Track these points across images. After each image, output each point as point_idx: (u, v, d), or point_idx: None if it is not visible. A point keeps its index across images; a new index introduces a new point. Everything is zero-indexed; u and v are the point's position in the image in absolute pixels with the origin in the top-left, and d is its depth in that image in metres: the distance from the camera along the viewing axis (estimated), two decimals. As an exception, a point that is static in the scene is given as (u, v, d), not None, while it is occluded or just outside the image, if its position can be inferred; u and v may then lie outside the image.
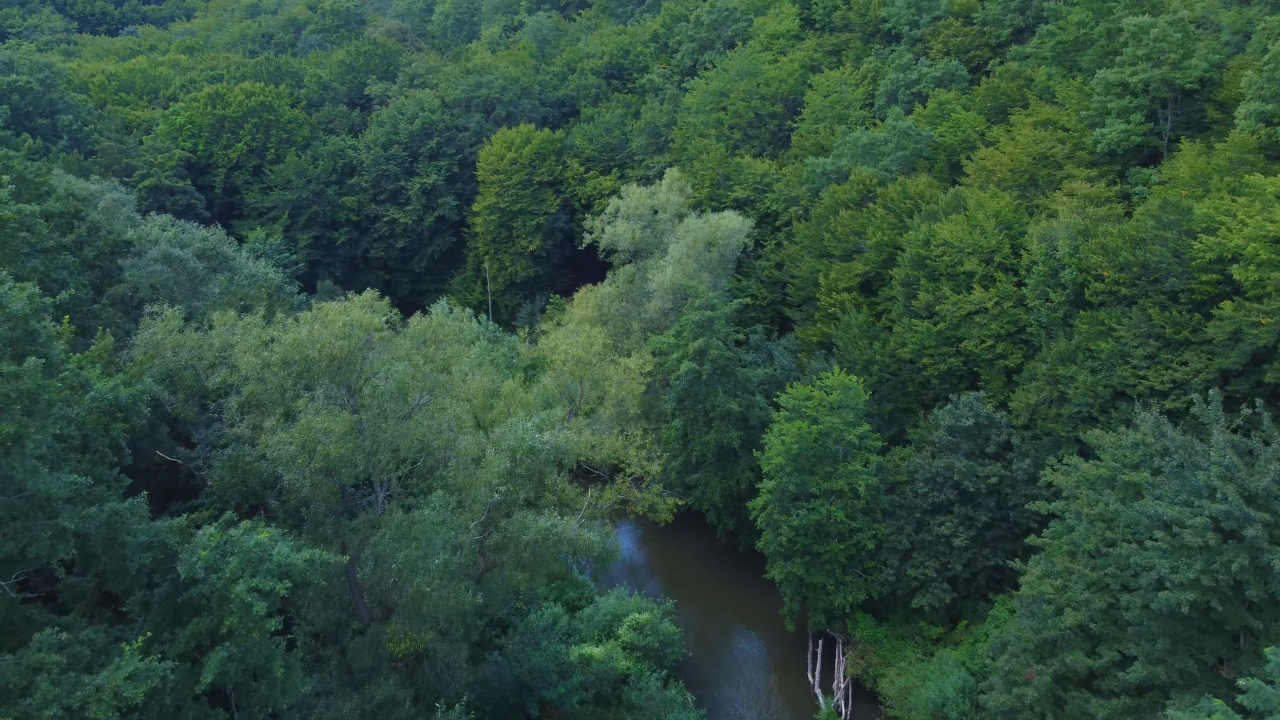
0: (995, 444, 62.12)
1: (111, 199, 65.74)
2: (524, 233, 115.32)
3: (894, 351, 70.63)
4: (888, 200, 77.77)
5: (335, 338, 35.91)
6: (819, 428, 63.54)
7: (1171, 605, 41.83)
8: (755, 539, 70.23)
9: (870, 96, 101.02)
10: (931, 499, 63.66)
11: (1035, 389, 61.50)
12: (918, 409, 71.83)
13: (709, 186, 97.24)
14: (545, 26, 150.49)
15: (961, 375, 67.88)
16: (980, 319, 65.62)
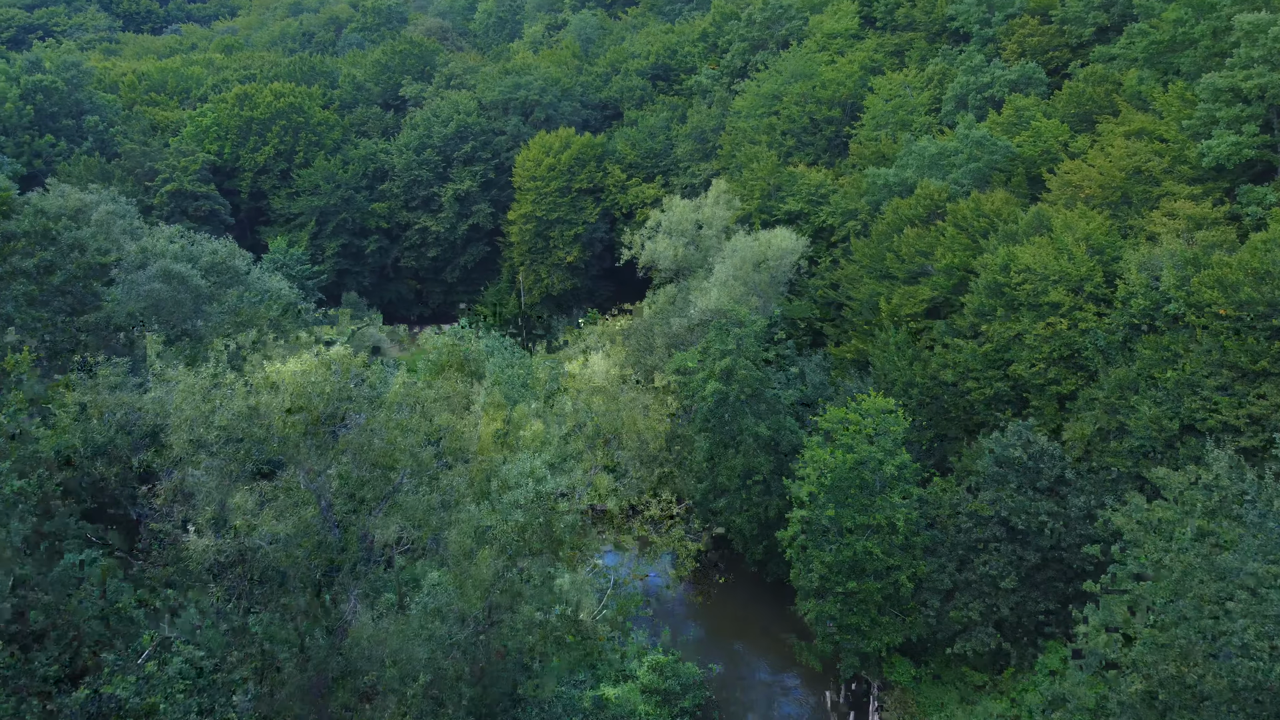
0: (1047, 478, 54.85)
1: (107, 211, 60.50)
2: (561, 243, 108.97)
3: (935, 374, 63.06)
4: (959, 217, 69.92)
5: (286, 411, 29.46)
6: (854, 456, 56.46)
7: (1257, 678, 35.57)
8: (784, 570, 63.91)
9: (936, 101, 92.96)
10: (976, 536, 56.57)
11: (1092, 419, 54.11)
12: (961, 436, 64.28)
13: (759, 198, 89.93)
14: (589, 25, 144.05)
15: (1009, 400, 60.51)
16: (1030, 340, 58.08)
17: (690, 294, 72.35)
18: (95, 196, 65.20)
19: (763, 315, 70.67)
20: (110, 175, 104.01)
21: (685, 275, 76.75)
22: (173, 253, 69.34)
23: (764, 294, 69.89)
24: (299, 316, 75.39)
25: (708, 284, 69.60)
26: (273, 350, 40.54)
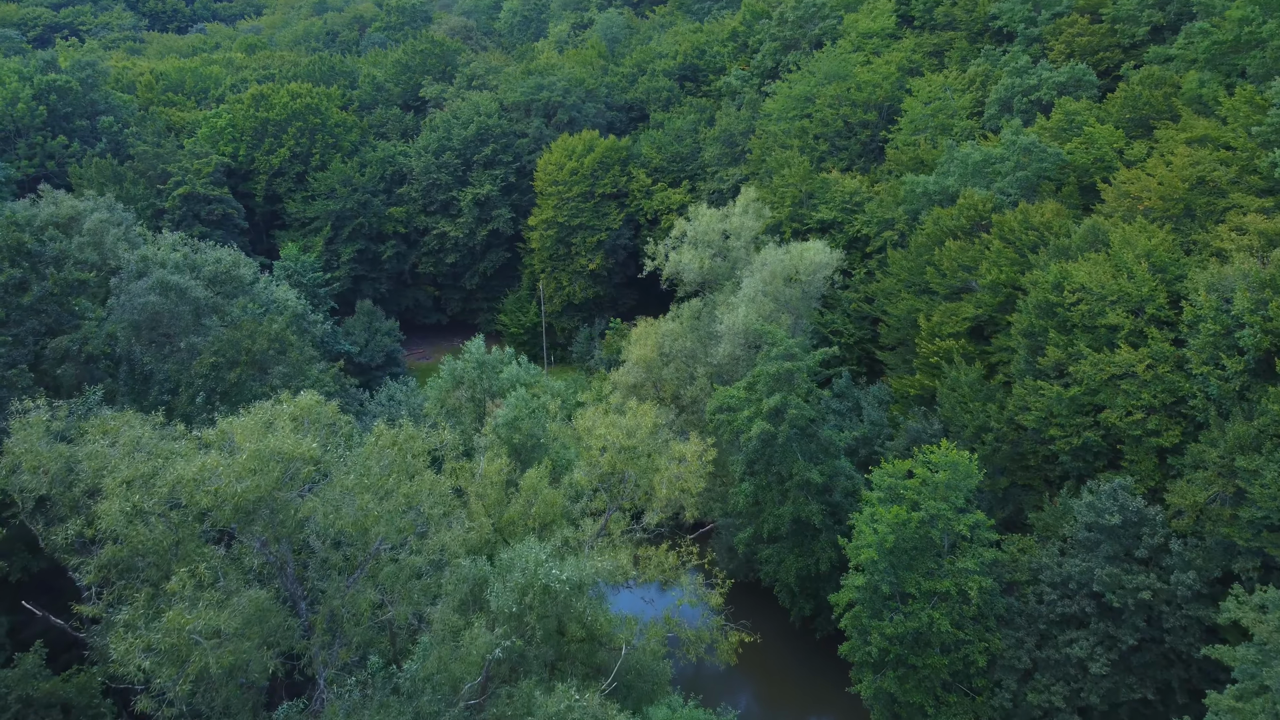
0: (1147, 547, 49.43)
1: (99, 220, 57.27)
2: (584, 250, 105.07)
3: (1013, 417, 58.18)
4: (1005, 230, 65.28)
5: (240, 476, 25.56)
6: (920, 514, 51.85)
7: None
8: (835, 626, 59.09)
9: (979, 104, 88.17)
10: (1061, 609, 51.34)
11: (1203, 481, 48.64)
12: (1041, 487, 59.30)
13: (789, 205, 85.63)
14: (616, 24, 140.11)
15: (1099, 452, 55.15)
16: (1127, 385, 52.86)
17: (716, 309, 68.17)
18: (90, 204, 62.01)
19: (794, 333, 66.38)
20: (122, 177, 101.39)
21: (711, 288, 72.58)
22: (174, 262, 66.05)
23: (795, 310, 65.56)
24: (306, 330, 71.95)
25: (735, 299, 65.38)
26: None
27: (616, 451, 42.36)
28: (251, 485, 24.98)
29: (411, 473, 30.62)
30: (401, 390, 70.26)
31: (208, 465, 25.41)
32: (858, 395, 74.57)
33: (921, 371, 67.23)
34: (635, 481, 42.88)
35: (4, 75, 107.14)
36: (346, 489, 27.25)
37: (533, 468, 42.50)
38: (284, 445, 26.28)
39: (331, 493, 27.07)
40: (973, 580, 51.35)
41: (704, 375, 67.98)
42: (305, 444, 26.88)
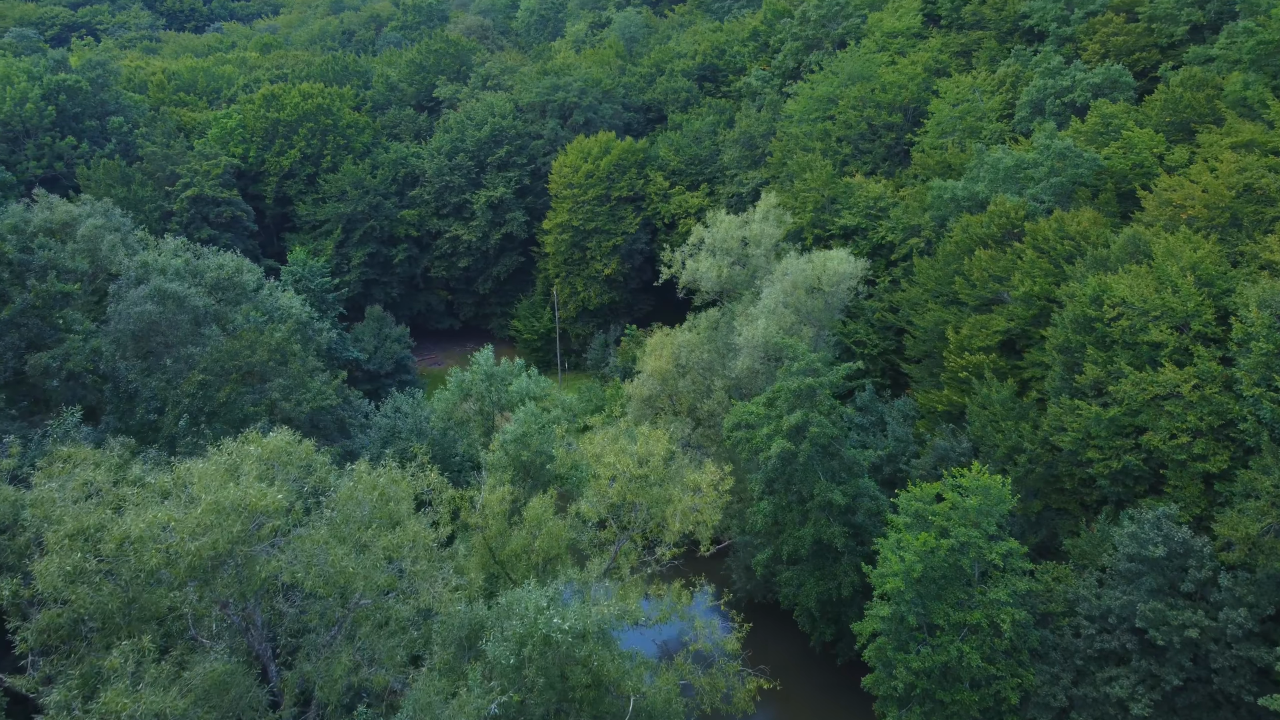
0: (1194, 580, 46.28)
1: (94, 225, 55.18)
2: (599, 254, 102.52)
3: (1048, 438, 55.09)
4: (1039, 239, 62.18)
5: (195, 531, 22.96)
6: (950, 542, 48.87)
7: None
8: (858, 653, 56.21)
9: (1009, 106, 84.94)
10: (1100, 645, 48.24)
11: (1255, 511, 45.45)
12: (1076, 511, 56.16)
13: (811, 211, 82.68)
14: (634, 24, 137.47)
15: (1140, 477, 51.99)
16: (1171, 406, 49.71)
17: (735, 320, 65.40)
18: (85, 209, 59.95)
19: (816, 346, 63.58)
20: (130, 179, 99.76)
21: (730, 297, 69.84)
22: (175, 268, 64.03)
23: (817, 322, 62.71)
24: (311, 339, 69.73)
25: (754, 310, 62.60)
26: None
27: (627, 481, 39.72)
28: (208, 542, 22.38)
29: (395, 519, 28.05)
30: (408, 402, 67.86)
31: (159, 520, 22.81)
32: (881, 409, 71.65)
33: (949, 386, 64.18)
34: (647, 512, 40.24)
35: (13, 75, 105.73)
36: (319, 542, 24.61)
37: (537, 496, 39.91)
38: (247, 496, 23.66)
39: (303, 546, 24.45)
40: (1005, 612, 48.39)
41: (721, 388, 65.27)
42: (271, 494, 24.18)
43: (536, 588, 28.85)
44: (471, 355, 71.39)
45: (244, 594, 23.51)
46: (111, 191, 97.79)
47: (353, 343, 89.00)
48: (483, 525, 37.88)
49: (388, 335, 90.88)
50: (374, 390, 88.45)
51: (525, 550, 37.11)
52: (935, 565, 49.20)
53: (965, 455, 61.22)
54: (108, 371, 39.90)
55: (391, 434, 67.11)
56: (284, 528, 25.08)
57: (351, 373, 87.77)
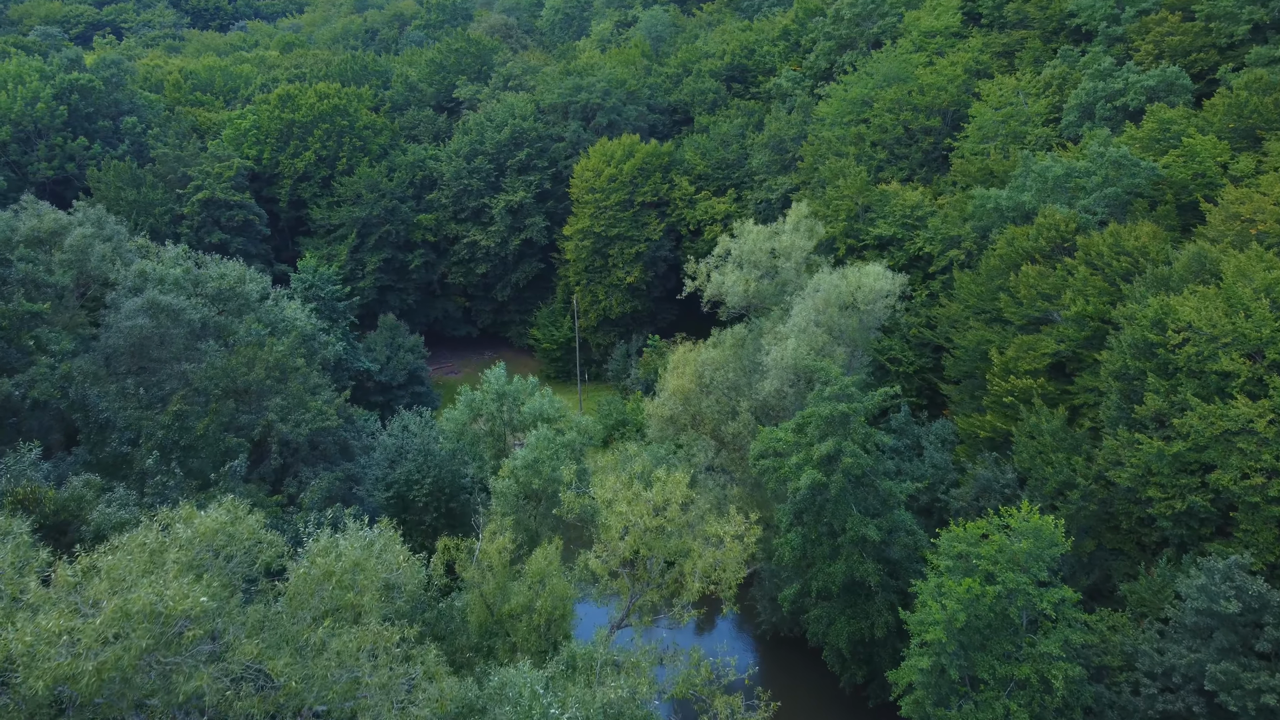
0: (1271, 639, 41.78)
1: (83, 235, 52.17)
2: (621, 262, 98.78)
3: (1103, 473, 50.66)
4: (1092, 254, 57.71)
5: (93, 645, 19.07)
6: (996, 589, 44.69)
7: None
8: (891, 698, 52.11)
9: (1055, 110, 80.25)
10: (1162, 705, 43.84)
11: None
12: (1134, 552, 51.69)
13: (844, 220, 78.49)
14: (660, 22, 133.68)
15: (1206, 519, 47.49)
16: (1243, 443, 45.17)
17: (763, 337, 61.36)
18: (78, 216, 56.96)
19: (850, 368, 59.47)
20: (141, 181, 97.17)
21: (757, 312, 65.79)
22: (173, 278, 60.93)
23: (852, 342, 58.56)
24: (316, 352, 66.45)
25: (784, 329, 58.54)
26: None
27: (640, 533, 35.89)
28: (110, 659, 18.58)
29: (358, 610, 24.23)
30: (416, 421, 64.40)
31: (47, 633, 18.93)
32: (918, 432, 67.43)
33: (993, 411, 59.78)
34: (663, 564, 36.44)
35: (25, 74, 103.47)
36: (253, 655, 20.76)
37: (541, 545, 36.17)
38: (163, 598, 19.80)
39: (236, 655, 20.64)
40: (1057, 667, 44.08)
41: (747, 410, 61.28)
42: (194, 595, 20.31)
43: (531, 669, 25.12)
44: (490, 366, 67.91)
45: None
46: (122, 194, 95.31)
47: (364, 352, 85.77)
48: (480, 581, 34.28)
49: (401, 345, 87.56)
50: (386, 402, 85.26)
51: (526, 609, 33.47)
52: (980, 614, 45.10)
53: (1010, 487, 56.95)
54: (78, 399, 36.64)
55: (398, 455, 63.70)
56: (218, 629, 21.28)
57: (362, 384, 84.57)
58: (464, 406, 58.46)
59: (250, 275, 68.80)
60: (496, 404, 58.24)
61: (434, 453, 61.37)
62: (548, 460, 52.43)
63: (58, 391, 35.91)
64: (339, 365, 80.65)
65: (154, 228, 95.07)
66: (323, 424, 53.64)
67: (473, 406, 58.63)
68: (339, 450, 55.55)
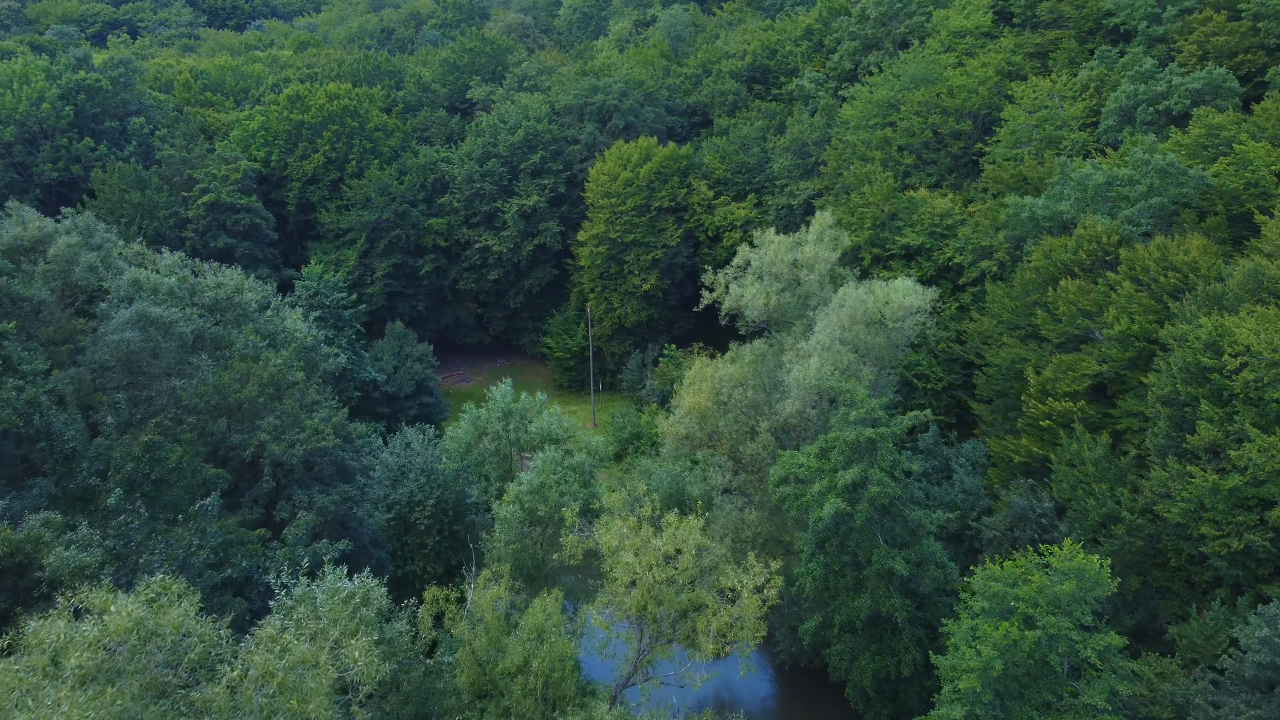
0: (1339, 697, 38.22)
1: (66, 245, 49.66)
2: (637, 269, 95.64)
3: (1150, 506, 47.11)
4: (1138, 268, 54.13)
5: None
6: (1036, 634, 41.32)
7: None
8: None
9: (1093, 114, 76.57)
10: (1220, 765, 40.30)
11: None
12: (1183, 591, 48.14)
13: (870, 228, 75.09)
14: (680, 21, 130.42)
15: (1265, 559, 43.89)
16: (1308, 478, 41.60)
17: (784, 354, 58.07)
18: (65, 224, 54.34)
19: (877, 389, 56.12)
20: (146, 184, 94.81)
21: (778, 326, 62.49)
22: (167, 288, 58.25)
23: (879, 360, 55.16)
24: (317, 364, 63.64)
25: (806, 346, 55.22)
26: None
27: (649, 587, 32.73)
28: None
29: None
30: (419, 439, 61.54)
31: None
32: (947, 454, 64.01)
33: (1028, 435, 56.27)
34: (674, 619, 33.26)
35: (30, 73, 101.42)
36: None
37: (540, 596, 33.04)
38: None
39: None
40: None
41: (767, 430, 58.02)
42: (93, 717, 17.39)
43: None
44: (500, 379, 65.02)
45: None
46: (126, 196, 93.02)
47: (371, 362, 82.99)
48: (470, 638, 31.30)
49: (409, 354, 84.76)
50: (392, 413, 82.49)
51: (522, 668, 30.39)
52: (1017, 660, 41.74)
53: (1047, 517, 53.50)
54: (42, 426, 33.90)
55: (400, 474, 60.88)
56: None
57: (369, 394, 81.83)
58: (468, 424, 55.56)
59: (250, 284, 66.08)
60: (502, 423, 55.29)
61: (437, 472, 58.54)
62: (554, 485, 49.43)
63: (20, 419, 33.27)
64: (344, 375, 77.97)
65: (158, 231, 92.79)
66: (318, 444, 50.74)
67: (478, 425, 55.70)
68: (336, 471, 52.73)
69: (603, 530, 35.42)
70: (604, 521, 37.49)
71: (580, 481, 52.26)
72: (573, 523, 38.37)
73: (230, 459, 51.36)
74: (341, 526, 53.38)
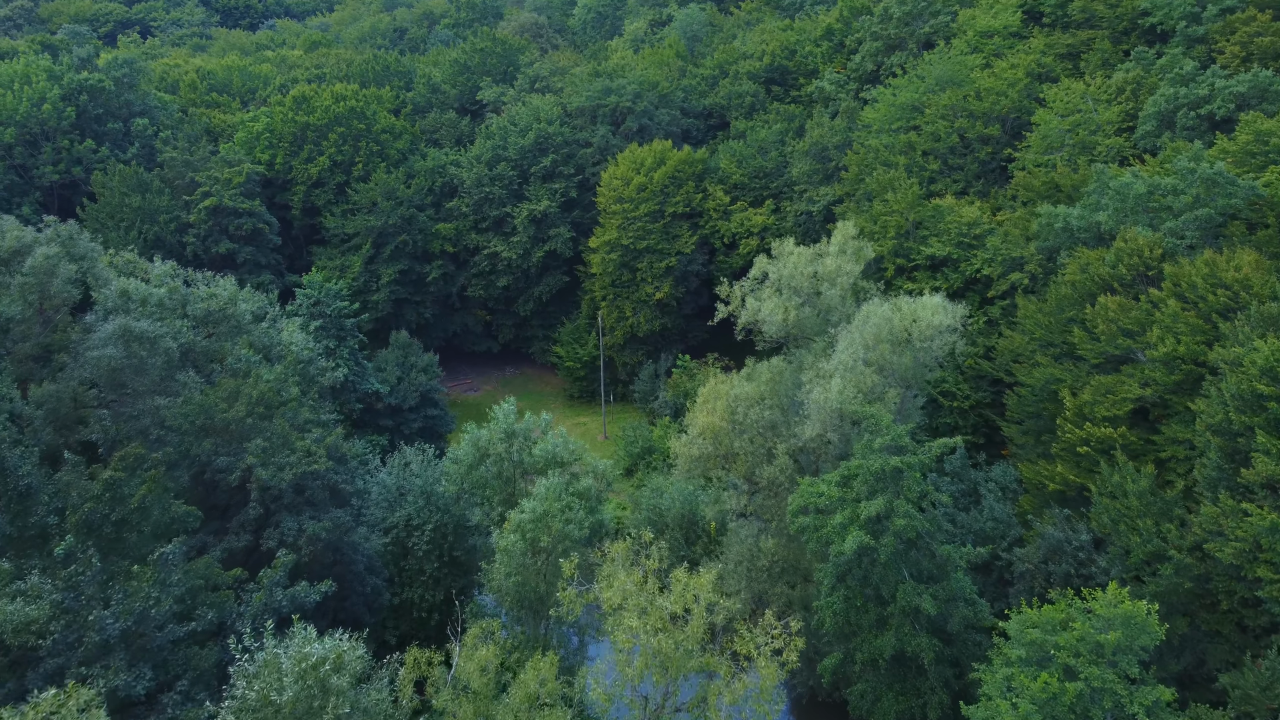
0: None
1: (45, 256, 47.05)
2: (650, 276, 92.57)
3: (1200, 544, 43.65)
4: (1183, 285, 50.61)
5: None
6: (1078, 686, 38.00)
7: None
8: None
9: (1129, 118, 72.94)
10: (1279, 833, 36.86)
11: None
12: (1234, 636, 44.65)
13: (893, 237, 71.76)
14: (696, 21, 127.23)
15: (1328, 604, 40.38)
16: (1378, 520, 38.09)
17: (803, 373, 54.81)
18: (46, 233, 51.73)
19: (903, 412, 52.83)
20: (147, 187, 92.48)
21: (797, 342, 59.22)
22: (156, 299, 55.64)
23: (904, 382, 51.86)
24: (314, 379, 60.89)
25: (827, 365, 51.98)
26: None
27: (653, 655, 29.60)
28: None
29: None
30: (418, 458, 58.76)
31: None
32: (975, 477, 60.59)
33: (1064, 461, 52.81)
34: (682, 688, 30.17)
35: (32, 73, 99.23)
36: None
37: (534, 659, 29.94)
38: None
39: None
40: (1152, 784, 37.41)
41: (785, 453, 54.79)
42: None
43: None
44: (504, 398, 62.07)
45: None
46: (126, 200, 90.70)
47: (374, 373, 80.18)
48: (454, 709, 28.36)
49: (413, 365, 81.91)
50: (396, 426, 79.74)
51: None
52: (1058, 715, 38.42)
53: (1084, 550, 50.12)
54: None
55: (398, 496, 58.06)
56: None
57: (371, 406, 79.07)
58: (468, 447, 52.66)
59: (245, 294, 63.53)
60: (505, 444, 52.34)
61: (437, 495, 55.67)
62: (558, 514, 46.42)
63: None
64: (345, 387, 75.24)
65: (158, 236, 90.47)
66: (310, 467, 47.92)
67: (479, 446, 52.77)
68: (329, 495, 49.91)
69: (605, 585, 32.26)
70: (606, 574, 34.29)
71: (587, 508, 49.21)
72: (571, 575, 35.23)
73: (217, 483, 48.63)
74: (334, 553, 50.62)
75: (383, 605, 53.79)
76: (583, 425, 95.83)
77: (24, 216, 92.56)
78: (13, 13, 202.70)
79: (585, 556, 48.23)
